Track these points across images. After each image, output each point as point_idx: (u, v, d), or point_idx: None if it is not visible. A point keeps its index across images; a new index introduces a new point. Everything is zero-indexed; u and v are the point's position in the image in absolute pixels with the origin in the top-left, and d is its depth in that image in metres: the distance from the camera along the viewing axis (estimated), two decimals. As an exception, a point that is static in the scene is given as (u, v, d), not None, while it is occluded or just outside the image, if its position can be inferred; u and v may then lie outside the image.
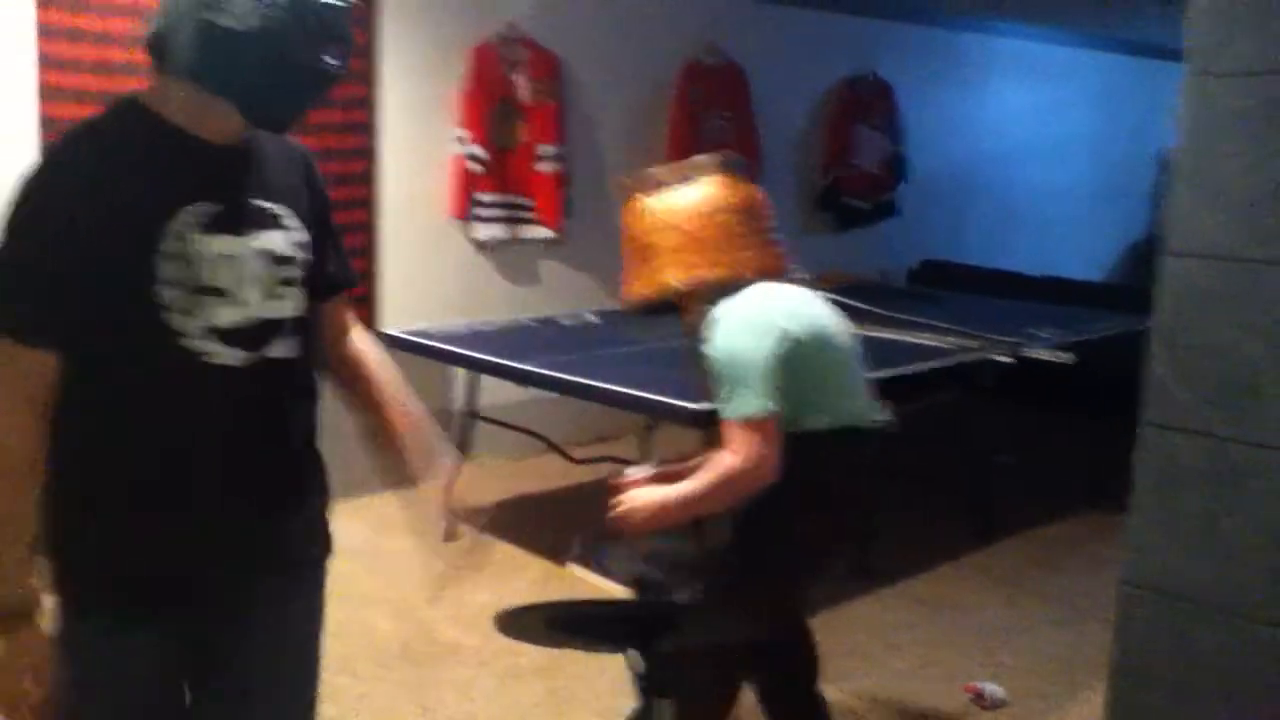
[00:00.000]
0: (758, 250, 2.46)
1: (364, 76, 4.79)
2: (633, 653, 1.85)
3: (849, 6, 6.62)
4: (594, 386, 3.72)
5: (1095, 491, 4.96)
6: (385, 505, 4.98)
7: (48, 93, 3.96)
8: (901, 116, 7.15)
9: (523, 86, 5.27)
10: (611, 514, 2.40)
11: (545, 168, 5.37)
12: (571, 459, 4.49)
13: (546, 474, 5.17)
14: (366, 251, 4.91)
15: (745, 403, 2.23)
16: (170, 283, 1.56)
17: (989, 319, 4.85)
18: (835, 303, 2.59)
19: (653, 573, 3.73)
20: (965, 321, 4.68)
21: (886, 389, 4.20)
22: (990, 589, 4.19)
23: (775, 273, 2.48)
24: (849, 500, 2.52)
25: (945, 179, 7.63)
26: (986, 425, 4.59)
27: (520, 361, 4.03)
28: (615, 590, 3.97)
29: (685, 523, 2.70)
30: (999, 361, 4.32)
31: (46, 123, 3.96)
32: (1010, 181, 8.31)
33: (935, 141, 7.48)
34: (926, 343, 4.53)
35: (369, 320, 4.92)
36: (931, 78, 7.47)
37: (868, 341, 4.53)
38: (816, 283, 2.72)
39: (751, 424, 2.23)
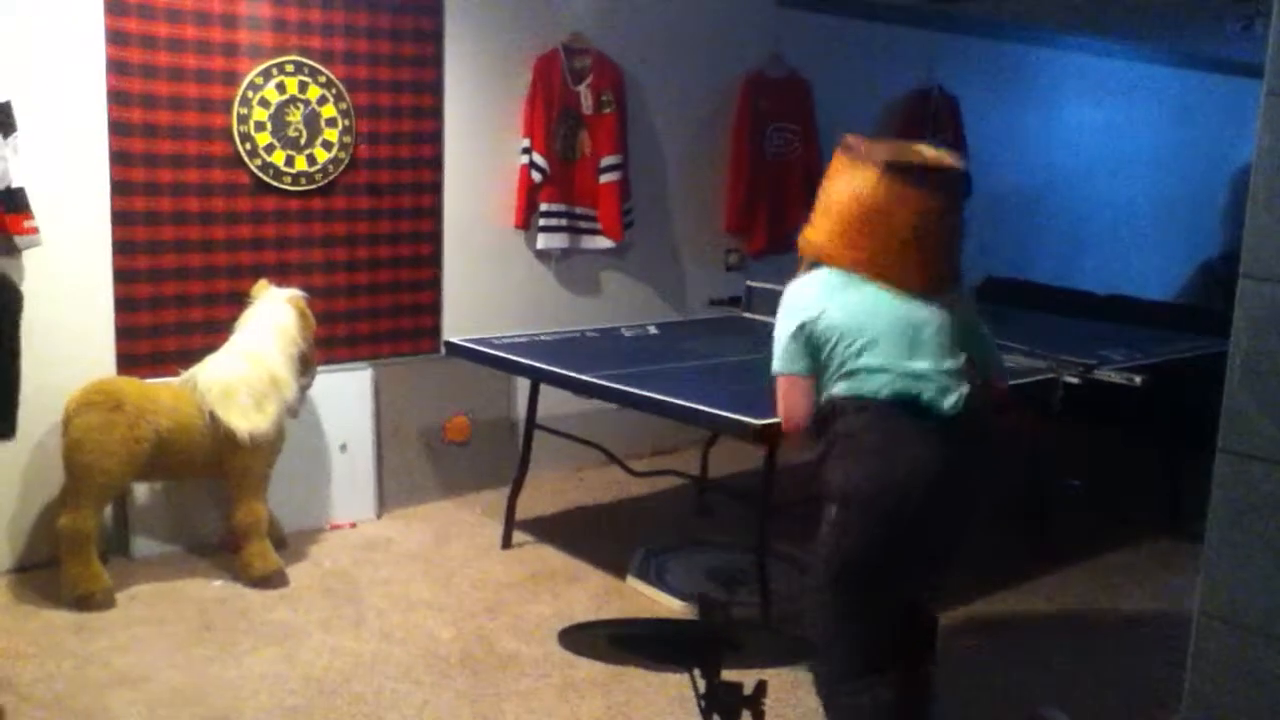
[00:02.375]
0: (870, 255, 2.64)
1: (433, 87, 4.84)
2: (694, 672, 1.85)
3: (915, 20, 6.57)
4: (654, 399, 3.71)
5: (1165, 518, 4.85)
6: (444, 513, 5.11)
7: (115, 98, 4.05)
8: (967, 131, 7.07)
9: (586, 97, 5.29)
10: None
11: (607, 178, 5.39)
12: (631, 471, 4.49)
13: (606, 486, 5.18)
14: (432, 259, 4.95)
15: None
16: None
17: (1056, 339, 4.76)
18: None
19: (715, 589, 3.73)
20: (1031, 341, 4.60)
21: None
22: (1052, 614, 4.12)
23: (890, 282, 2.65)
24: (880, 452, 2.59)
25: (1011, 195, 7.53)
26: (1052, 448, 4.51)
27: (580, 372, 4.04)
28: (675, 605, 3.96)
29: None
30: (1066, 382, 4.24)
31: (115, 127, 4.05)
32: (1079, 198, 8.19)
33: (1001, 157, 7.39)
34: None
35: (432, 328, 4.97)
36: (998, 92, 7.38)
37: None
38: None
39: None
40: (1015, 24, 7.08)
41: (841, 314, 2.62)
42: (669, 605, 3.98)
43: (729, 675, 1.89)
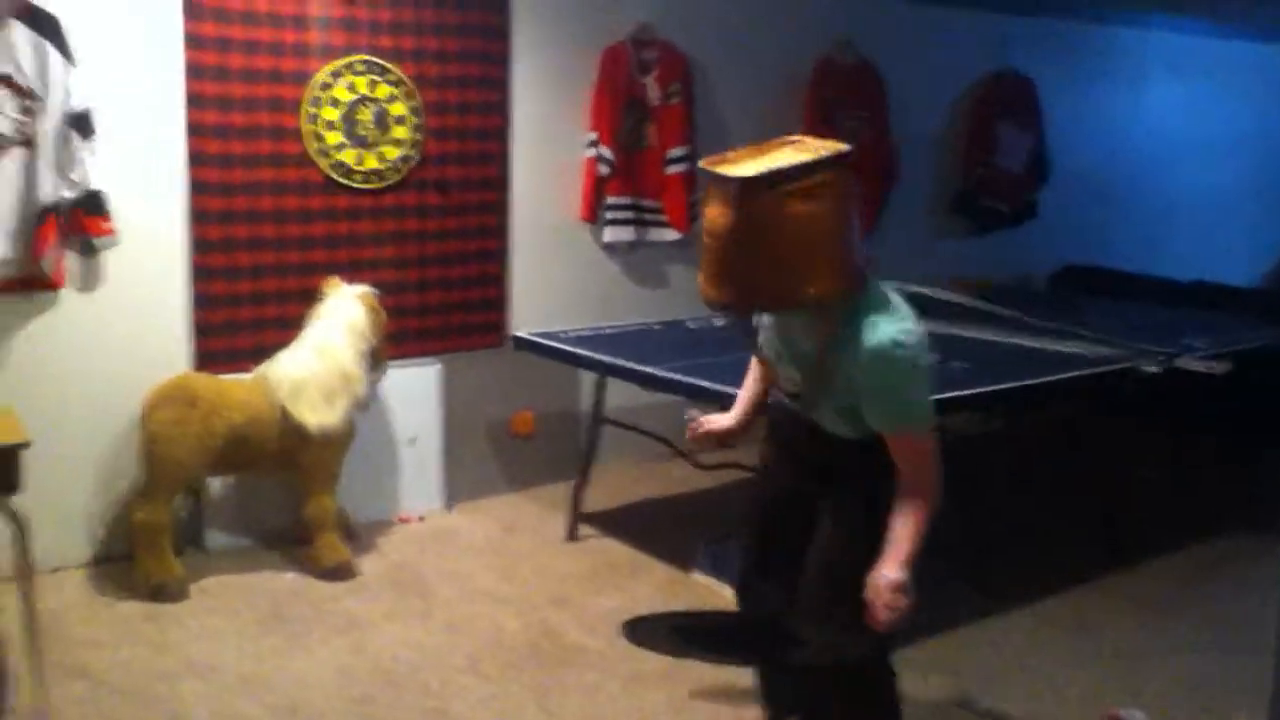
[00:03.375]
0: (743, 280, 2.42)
1: (499, 82, 4.86)
2: (758, 666, 1.83)
3: (989, 2, 6.42)
4: (720, 391, 3.68)
5: (1245, 511, 4.69)
6: (511, 506, 5.14)
7: (192, 100, 4.13)
8: (1045, 114, 6.90)
9: (652, 88, 5.27)
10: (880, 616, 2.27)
11: (674, 170, 5.37)
12: (697, 464, 4.47)
13: (672, 479, 5.17)
14: (499, 254, 4.98)
15: None
16: None
17: (1136, 327, 4.65)
18: (971, 308, 2.56)
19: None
20: (1110, 329, 4.49)
21: (1024, 397, 4.10)
22: (1125, 610, 4.01)
23: None
24: None
25: (1090, 180, 7.34)
26: (1129, 438, 4.38)
27: (646, 365, 4.03)
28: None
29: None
30: (1145, 372, 4.12)
31: (192, 129, 4.14)
32: (1162, 183, 7.95)
33: (1080, 140, 7.20)
34: (1067, 350, 4.35)
35: (499, 322, 5.01)
36: (1077, 74, 7.19)
37: (1004, 348, 4.46)
38: (954, 287, 2.74)
39: None
40: (1093, 3, 6.89)
41: None
42: (733, 598, 3.94)
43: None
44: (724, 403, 3.64)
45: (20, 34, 3.71)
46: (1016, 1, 6.49)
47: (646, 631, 1.90)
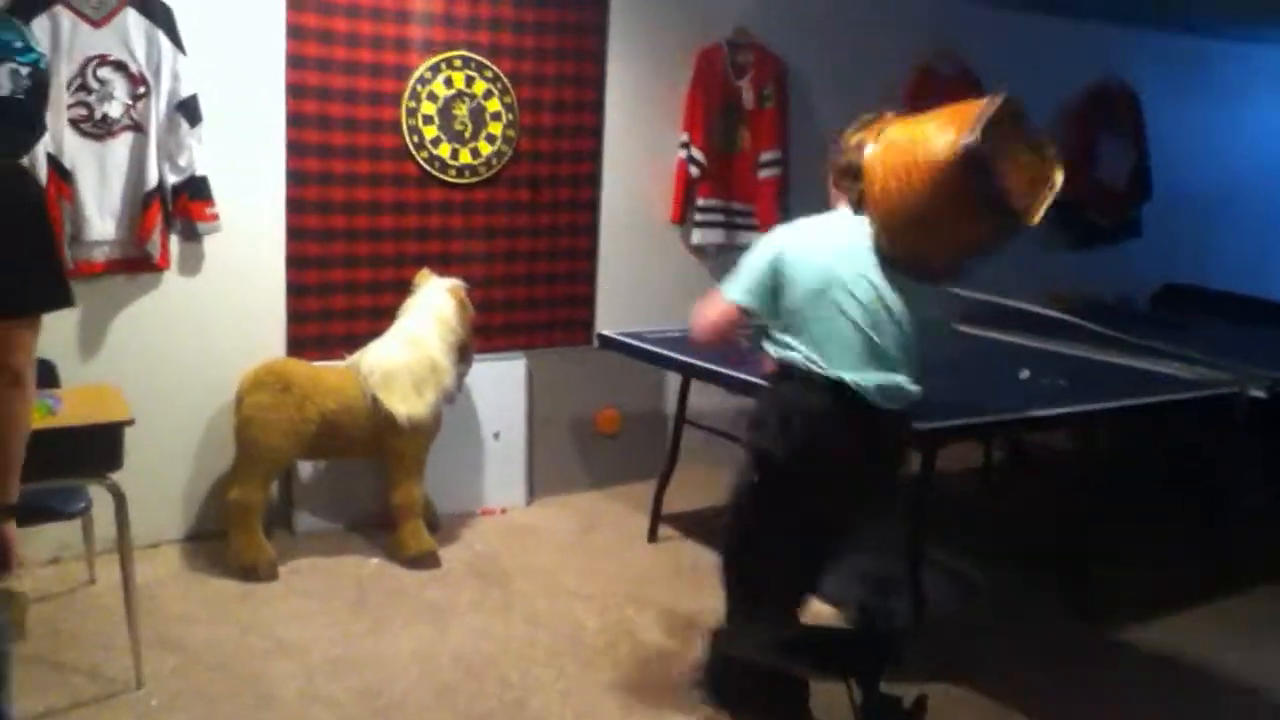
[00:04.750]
0: (892, 211, 2.70)
1: (594, 81, 4.87)
2: (851, 683, 1.79)
3: (1094, 12, 6.28)
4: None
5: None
6: (593, 502, 5.13)
7: (293, 91, 4.20)
8: (1148, 128, 6.72)
9: (747, 91, 5.24)
10: None
11: (766, 173, 5.33)
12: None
13: (754, 483, 5.12)
14: (588, 252, 4.99)
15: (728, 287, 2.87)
16: None
17: (1241, 349, 4.48)
18: (1070, 324, 2.57)
19: (866, 595, 3.62)
20: (1214, 351, 4.34)
21: (1125, 417, 3.98)
22: (1233, 638, 3.87)
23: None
24: (812, 450, 2.66)
25: (1194, 197, 7.12)
26: (1234, 463, 4.24)
27: (732, 368, 4.00)
28: (824, 610, 3.88)
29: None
30: (1252, 396, 3.98)
31: (292, 119, 4.21)
32: (1268, 201, 7.69)
33: (1184, 156, 7.00)
34: (1169, 372, 4.22)
35: (587, 320, 5.01)
36: (1182, 88, 7.00)
37: (1103, 368, 4.34)
38: (1048, 301, 2.75)
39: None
40: (1203, 17, 6.69)
41: None
42: (816, 609, 3.89)
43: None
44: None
45: (133, 21, 3.82)
46: (1121, 12, 6.34)
47: (740, 641, 1.88)
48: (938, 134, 2.52)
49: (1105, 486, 4.37)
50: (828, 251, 2.79)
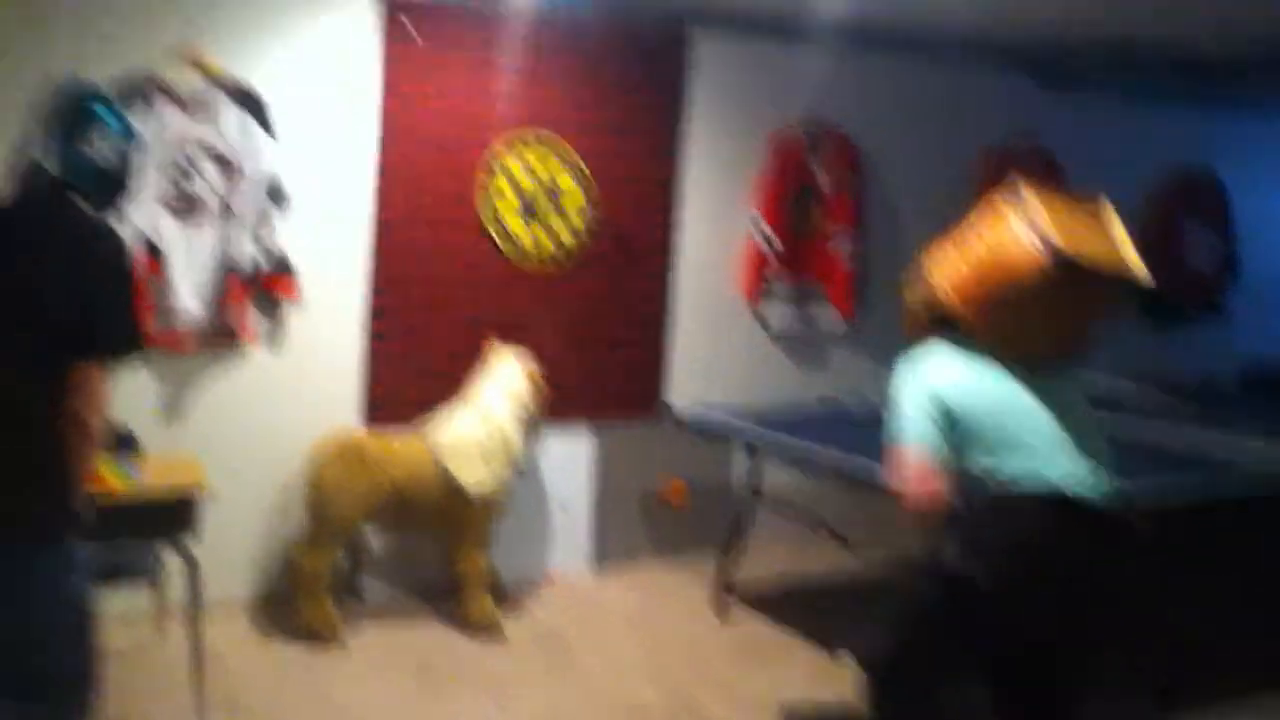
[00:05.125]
0: (1004, 326, 2.66)
1: (671, 161, 4.98)
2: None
3: (1178, 99, 6.22)
4: (876, 475, 3.60)
5: None
6: (659, 575, 5.09)
7: (379, 169, 4.35)
8: (1235, 213, 6.59)
9: (822, 174, 5.30)
10: None
11: (840, 254, 5.35)
12: (849, 547, 4.36)
13: (824, 561, 5.04)
14: (660, 326, 5.04)
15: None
16: None
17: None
18: (1154, 406, 2.56)
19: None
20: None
21: (1210, 502, 3.85)
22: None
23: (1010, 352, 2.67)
24: (1008, 554, 2.52)
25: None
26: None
27: (801, 444, 3.98)
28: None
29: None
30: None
31: (380, 197, 4.37)
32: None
33: (1271, 240, 6.84)
34: (1259, 453, 4.08)
35: (657, 393, 5.04)
36: (1267, 172, 6.86)
37: (1189, 449, 4.21)
38: (1132, 382, 2.76)
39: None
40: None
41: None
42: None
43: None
44: (876, 485, 3.57)
45: (228, 109, 4.03)
46: (1198, 99, 6.28)
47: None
48: (1015, 248, 2.59)
49: (1192, 571, 4.21)
50: (974, 371, 2.70)
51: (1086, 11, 4.68)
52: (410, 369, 4.50)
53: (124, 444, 3.38)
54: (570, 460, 4.79)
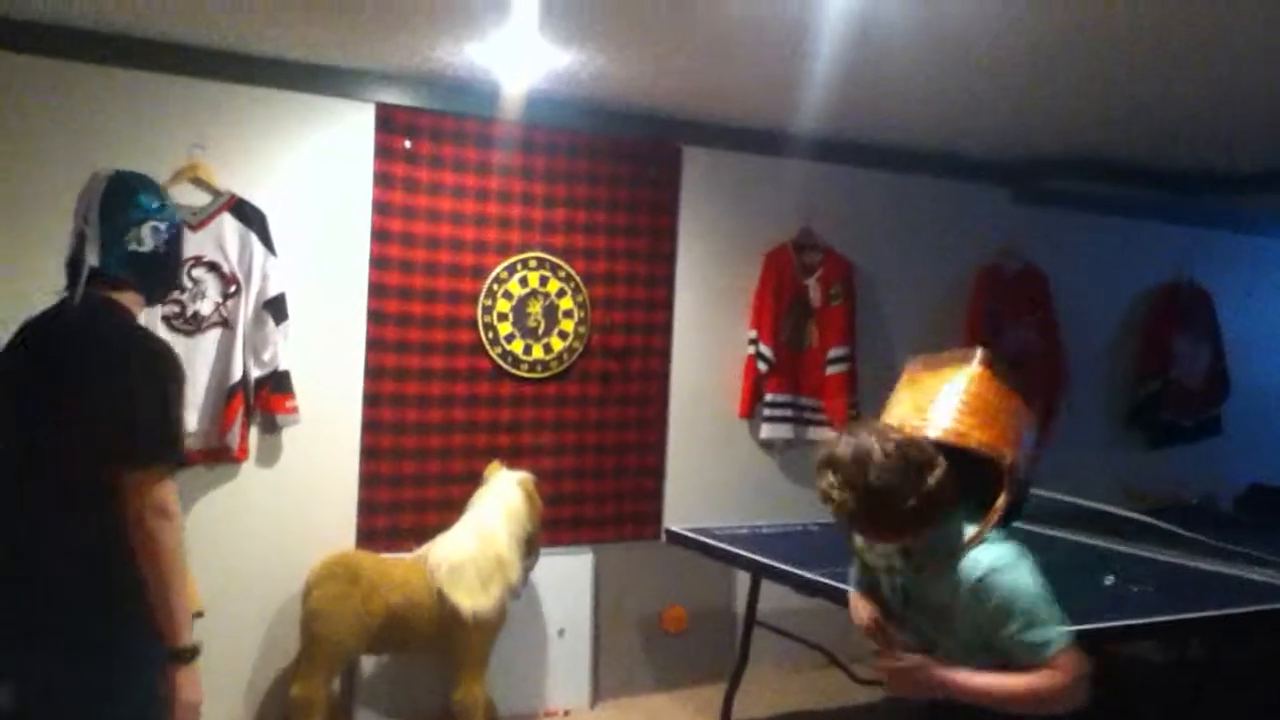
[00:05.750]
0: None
1: (666, 280, 5.00)
2: None
3: (1162, 214, 6.33)
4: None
5: None
6: (659, 706, 4.96)
7: (374, 290, 4.37)
8: (1224, 328, 6.66)
9: (815, 289, 5.33)
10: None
11: (834, 369, 5.35)
12: (854, 676, 4.26)
13: (827, 690, 4.93)
14: (657, 446, 5.01)
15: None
16: None
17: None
18: (1155, 527, 2.43)
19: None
20: (1307, 556, 4.16)
21: (1212, 628, 3.79)
22: None
23: None
24: None
25: (1277, 396, 6.98)
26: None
27: (802, 568, 3.91)
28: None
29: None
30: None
31: (372, 316, 4.37)
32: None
33: (1265, 355, 6.90)
34: (1261, 579, 4.04)
35: (655, 514, 4.98)
36: (1259, 287, 6.96)
37: (1191, 573, 4.17)
38: (1126, 499, 2.60)
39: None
40: (1271, 220, 6.72)
41: None
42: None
43: None
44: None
45: (229, 225, 4.03)
46: (1192, 214, 6.39)
47: None
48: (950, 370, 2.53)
49: (1197, 699, 4.13)
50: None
51: (1061, 129, 4.80)
52: (405, 488, 4.43)
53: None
54: (569, 583, 4.70)
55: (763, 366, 5.21)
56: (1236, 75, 3.75)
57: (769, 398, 5.26)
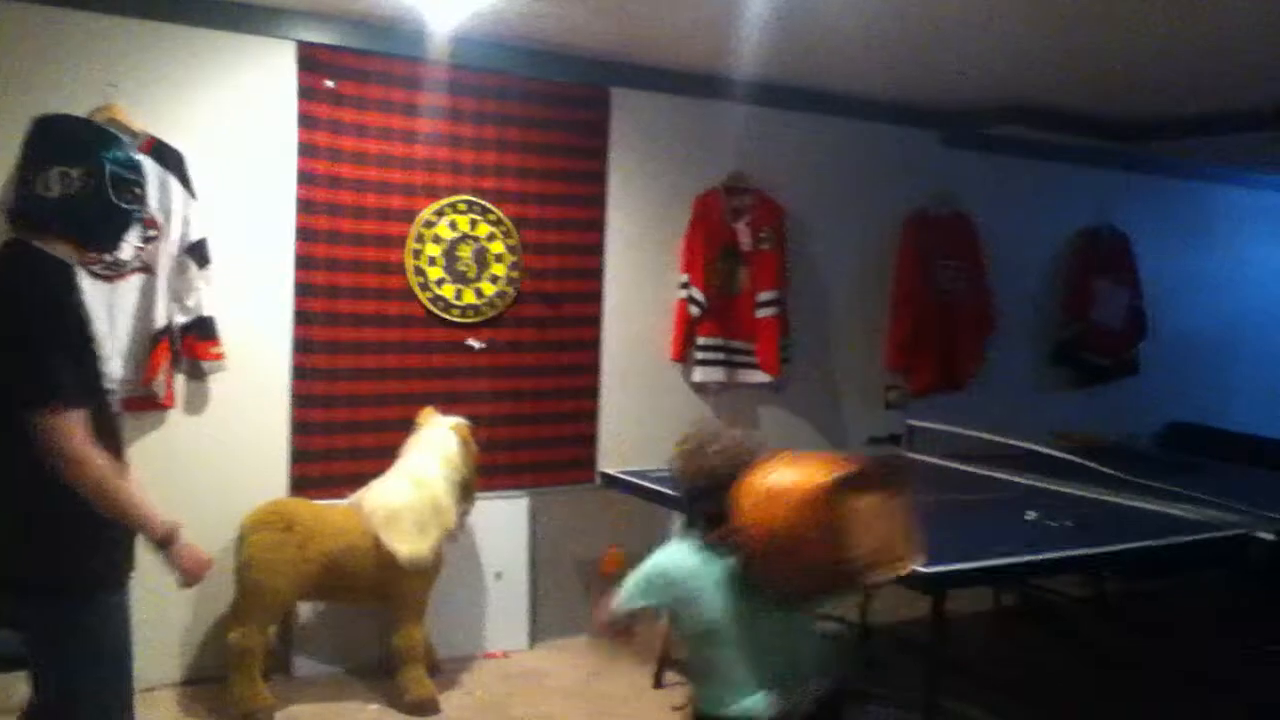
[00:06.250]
0: None
1: (596, 224, 4.97)
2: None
3: (1085, 158, 6.45)
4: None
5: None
6: (598, 646, 5.01)
7: (301, 233, 4.29)
8: (1142, 270, 6.82)
9: (745, 233, 5.34)
10: None
11: (766, 313, 5.38)
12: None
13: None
14: (591, 391, 5.01)
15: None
16: None
17: (1251, 491, 4.43)
18: (1079, 465, 2.47)
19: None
20: (1226, 493, 4.29)
21: (1137, 563, 3.92)
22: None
23: None
24: None
25: (1195, 337, 7.17)
26: (1246, 611, 4.15)
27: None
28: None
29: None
30: (1262, 539, 3.92)
31: (300, 260, 4.29)
32: (1271, 342, 7.72)
33: (1182, 298, 7.08)
34: (1181, 515, 4.17)
35: (590, 459, 5.00)
36: (1175, 230, 7.12)
37: (1114, 510, 4.29)
38: (1057, 442, 2.64)
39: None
40: (1192, 163, 6.86)
41: None
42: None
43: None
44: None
45: (147, 167, 3.90)
46: (1114, 158, 6.51)
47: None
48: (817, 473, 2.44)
49: (1113, 634, 4.29)
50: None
51: (994, 75, 4.84)
52: (339, 435, 4.39)
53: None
54: (506, 528, 4.71)
55: (695, 310, 5.22)
56: (1163, 24, 3.81)
57: (701, 341, 5.28)
